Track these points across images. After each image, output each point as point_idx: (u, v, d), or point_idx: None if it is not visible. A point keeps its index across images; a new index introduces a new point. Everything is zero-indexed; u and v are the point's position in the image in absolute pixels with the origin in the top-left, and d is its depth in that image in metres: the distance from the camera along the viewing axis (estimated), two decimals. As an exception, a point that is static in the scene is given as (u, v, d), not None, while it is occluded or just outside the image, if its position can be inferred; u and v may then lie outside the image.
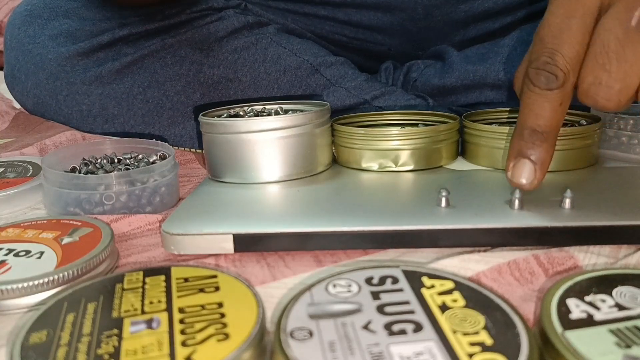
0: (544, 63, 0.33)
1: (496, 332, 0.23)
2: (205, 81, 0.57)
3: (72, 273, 0.30)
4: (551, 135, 0.34)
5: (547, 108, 0.33)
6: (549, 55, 0.33)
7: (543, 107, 0.33)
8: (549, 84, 0.32)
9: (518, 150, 0.34)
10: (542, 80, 0.33)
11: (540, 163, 0.34)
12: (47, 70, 0.58)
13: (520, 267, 0.31)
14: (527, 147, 0.34)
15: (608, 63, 0.31)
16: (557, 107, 0.33)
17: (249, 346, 0.23)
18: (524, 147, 0.34)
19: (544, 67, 0.33)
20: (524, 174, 0.34)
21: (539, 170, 0.34)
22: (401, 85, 0.63)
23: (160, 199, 0.42)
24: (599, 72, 0.32)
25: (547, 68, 0.32)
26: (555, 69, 0.32)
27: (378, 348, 0.22)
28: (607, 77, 0.32)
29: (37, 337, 0.24)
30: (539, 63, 0.33)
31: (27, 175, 0.47)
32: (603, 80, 0.32)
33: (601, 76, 0.32)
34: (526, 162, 0.34)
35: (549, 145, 0.34)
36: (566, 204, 0.34)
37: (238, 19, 0.58)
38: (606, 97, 0.32)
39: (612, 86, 0.31)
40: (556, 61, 0.32)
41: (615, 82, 0.31)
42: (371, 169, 0.43)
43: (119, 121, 0.57)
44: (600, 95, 0.32)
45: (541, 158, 0.34)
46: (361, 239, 0.33)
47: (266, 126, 0.41)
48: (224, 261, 0.34)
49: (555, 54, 0.32)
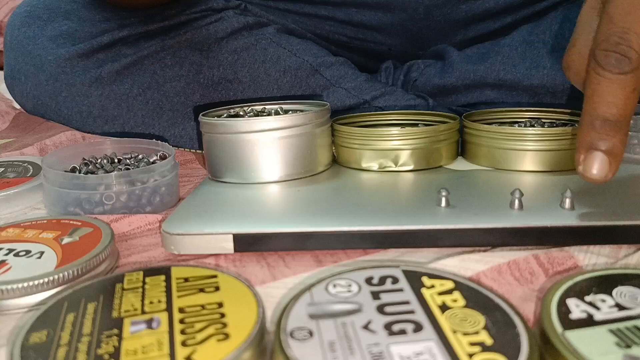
0: (615, 44, 0.30)
1: (496, 332, 0.23)
2: (205, 82, 0.57)
3: (72, 273, 0.30)
4: (624, 124, 0.31)
5: (619, 95, 0.30)
6: (621, 35, 0.30)
7: (615, 94, 0.30)
8: (622, 67, 0.30)
9: (589, 142, 0.31)
10: (614, 63, 0.30)
11: (615, 155, 0.31)
12: (47, 71, 0.58)
13: (520, 267, 0.31)
14: (600, 138, 0.31)
15: None
16: (630, 94, 0.30)
17: (249, 346, 0.23)
18: (596, 138, 0.31)
19: (615, 48, 0.30)
20: (596, 167, 0.31)
21: (614, 162, 0.31)
22: (401, 85, 0.63)
23: (160, 199, 0.42)
24: None
25: (619, 49, 0.30)
26: (629, 50, 0.29)
27: (378, 348, 0.22)
28: None
29: (37, 337, 0.24)
30: (609, 44, 0.30)
31: (27, 175, 0.47)
32: None
33: None
34: (599, 154, 0.31)
35: (623, 136, 0.31)
36: (566, 203, 0.34)
37: (238, 19, 0.58)
38: None
39: None
40: (629, 41, 0.29)
41: None
42: (371, 169, 0.43)
43: (119, 122, 0.57)
44: None
45: (615, 149, 0.31)
46: (361, 239, 0.33)
47: (266, 126, 0.41)
48: (224, 261, 0.34)
49: (628, 34, 0.29)
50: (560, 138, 0.40)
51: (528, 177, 0.40)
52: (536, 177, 0.40)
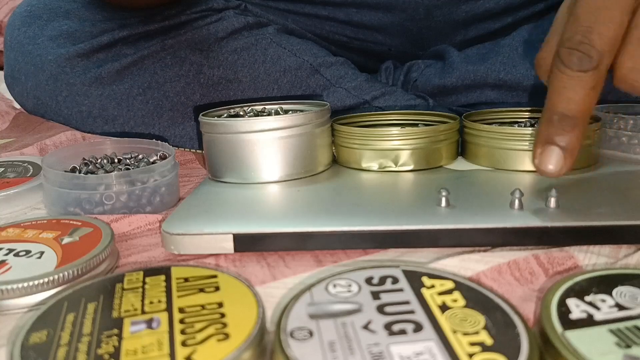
0: (578, 42, 0.30)
1: (496, 332, 0.23)
2: (205, 82, 0.57)
3: (72, 273, 0.30)
4: (582, 121, 0.32)
5: (578, 92, 0.31)
6: (584, 34, 0.30)
7: (575, 91, 0.31)
8: (582, 65, 0.30)
9: (546, 136, 0.32)
10: (575, 61, 0.30)
11: (570, 150, 0.32)
12: (47, 71, 0.58)
13: (520, 267, 0.31)
14: (557, 134, 0.32)
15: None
16: (590, 91, 0.31)
17: (249, 346, 0.23)
18: (553, 133, 0.32)
19: (577, 46, 0.30)
20: (552, 161, 0.32)
21: (568, 157, 0.32)
22: (401, 85, 0.63)
23: (160, 199, 0.42)
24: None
25: (581, 48, 0.30)
26: (590, 49, 0.30)
27: (378, 348, 0.22)
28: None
29: (37, 337, 0.24)
30: (573, 42, 0.31)
31: (27, 175, 0.47)
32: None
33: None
34: (555, 149, 0.32)
35: (579, 132, 0.32)
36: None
37: (238, 19, 0.58)
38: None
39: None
40: (591, 40, 0.30)
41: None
42: (371, 169, 0.43)
43: (119, 122, 0.57)
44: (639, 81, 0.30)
45: (570, 145, 0.32)
46: (361, 239, 0.33)
47: (266, 126, 0.41)
48: (224, 261, 0.34)
49: (591, 33, 0.30)
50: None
51: (528, 177, 0.40)
52: (536, 177, 0.40)
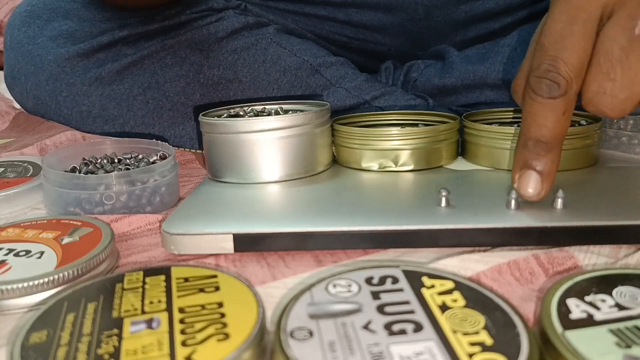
0: (546, 71, 0.32)
1: (496, 332, 0.23)
2: (205, 82, 0.57)
3: (72, 273, 0.30)
4: (556, 145, 0.33)
5: (550, 118, 0.32)
6: (551, 63, 0.32)
7: (546, 117, 0.32)
8: (551, 93, 0.31)
9: (523, 161, 0.33)
10: (544, 88, 0.32)
11: (546, 174, 0.33)
12: (47, 71, 0.58)
13: (520, 267, 0.31)
14: (532, 158, 0.33)
15: (612, 71, 0.31)
16: (561, 116, 0.32)
17: (249, 346, 0.23)
18: (529, 158, 0.33)
19: (545, 75, 0.32)
20: (530, 185, 0.33)
21: (545, 180, 0.33)
22: (401, 85, 0.63)
23: (160, 199, 0.42)
24: (604, 80, 0.31)
25: (549, 76, 0.31)
26: (557, 77, 0.31)
27: (378, 348, 0.22)
28: (612, 86, 0.31)
29: (37, 337, 0.24)
30: (540, 71, 0.32)
31: (27, 175, 0.47)
32: (608, 89, 0.31)
33: (606, 85, 0.31)
34: (532, 174, 0.33)
35: (554, 155, 0.33)
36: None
37: (238, 19, 0.58)
38: (611, 106, 0.31)
39: (617, 95, 0.31)
40: (558, 68, 0.31)
41: (620, 91, 0.31)
42: (371, 169, 0.43)
43: (119, 122, 0.57)
44: (605, 105, 0.31)
45: (547, 169, 0.33)
46: (361, 239, 0.33)
47: (266, 126, 0.41)
48: (224, 261, 0.34)
49: (557, 61, 0.31)
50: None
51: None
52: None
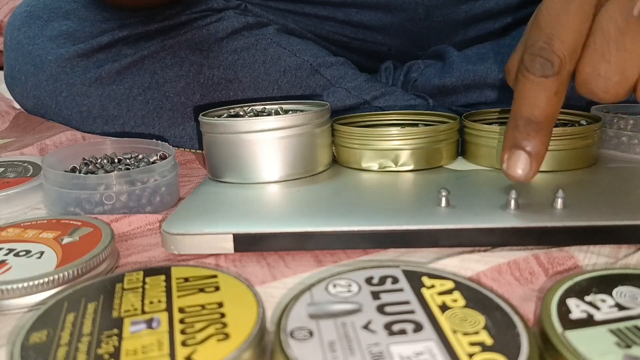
0: (540, 48, 0.31)
1: (496, 332, 0.23)
2: (205, 82, 0.57)
3: (72, 273, 0.30)
4: (547, 126, 0.32)
5: (542, 97, 0.31)
6: (546, 41, 0.31)
7: (538, 96, 0.32)
8: (545, 71, 0.31)
9: (513, 141, 0.33)
10: (537, 67, 0.31)
11: (536, 154, 0.32)
12: (47, 71, 0.58)
13: (520, 267, 0.31)
14: (522, 138, 0.32)
15: (608, 53, 0.30)
16: (553, 96, 0.32)
17: (249, 346, 0.23)
18: (519, 137, 0.32)
19: (539, 52, 0.31)
20: (519, 166, 0.32)
21: (535, 161, 0.32)
22: (401, 85, 0.63)
23: (160, 199, 0.42)
24: (598, 62, 0.31)
25: (543, 54, 0.31)
26: (552, 55, 0.31)
27: (378, 348, 0.22)
28: (607, 68, 0.30)
29: (37, 337, 0.24)
30: (535, 49, 0.31)
31: (27, 175, 0.47)
32: (602, 71, 0.31)
33: (600, 67, 0.31)
34: (521, 154, 0.32)
35: (545, 136, 0.32)
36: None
37: (238, 19, 0.58)
38: (604, 88, 0.31)
39: (610, 77, 0.30)
40: (553, 46, 0.31)
41: (614, 73, 0.30)
42: (371, 169, 0.43)
43: (119, 122, 0.57)
44: (598, 87, 0.31)
45: (536, 149, 0.32)
46: (361, 239, 0.33)
47: (266, 126, 0.41)
48: (224, 261, 0.34)
49: (552, 39, 0.31)
50: (559, 138, 0.40)
51: (528, 177, 0.40)
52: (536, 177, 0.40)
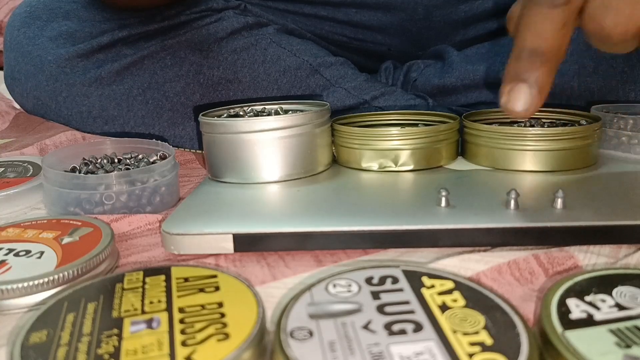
0: None
1: (496, 332, 0.23)
2: (205, 82, 0.57)
3: (72, 273, 0.30)
4: (552, 58, 0.30)
5: (548, 28, 0.30)
6: None
7: (544, 27, 0.30)
8: (553, 0, 0.29)
9: (515, 73, 0.31)
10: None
11: (540, 87, 0.30)
12: (47, 71, 0.58)
13: (520, 267, 0.31)
14: (526, 69, 0.30)
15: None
16: (560, 28, 0.30)
17: (249, 346, 0.23)
18: (522, 69, 0.30)
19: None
20: (520, 99, 0.30)
21: (537, 95, 0.30)
22: (401, 85, 0.63)
23: (160, 199, 0.42)
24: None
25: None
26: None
27: (378, 348, 0.22)
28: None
29: (37, 337, 0.24)
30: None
31: (27, 175, 0.47)
32: (613, 1, 0.29)
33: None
34: (523, 87, 0.30)
35: (550, 69, 0.30)
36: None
37: (237, 19, 0.58)
38: (614, 21, 0.29)
39: (622, 9, 0.29)
40: None
41: (626, 5, 0.28)
42: (371, 169, 0.43)
43: (119, 122, 0.57)
44: (608, 19, 0.29)
45: (541, 81, 0.30)
46: (361, 239, 0.33)
47: (266, 126, 0.41)
48: (224, 261, 0.34)
49: None
50: (560, 138, 0.40)
51: (528, 177, 0.40)
52: (536, 177, 0.40)
